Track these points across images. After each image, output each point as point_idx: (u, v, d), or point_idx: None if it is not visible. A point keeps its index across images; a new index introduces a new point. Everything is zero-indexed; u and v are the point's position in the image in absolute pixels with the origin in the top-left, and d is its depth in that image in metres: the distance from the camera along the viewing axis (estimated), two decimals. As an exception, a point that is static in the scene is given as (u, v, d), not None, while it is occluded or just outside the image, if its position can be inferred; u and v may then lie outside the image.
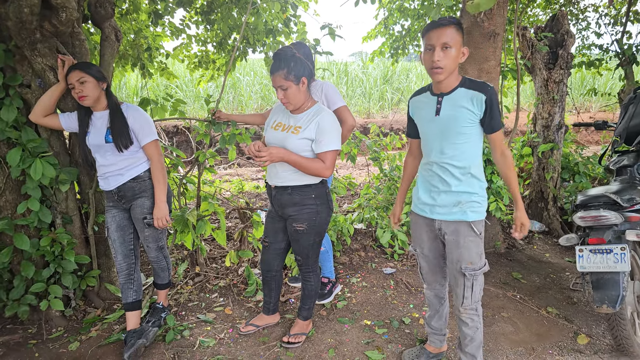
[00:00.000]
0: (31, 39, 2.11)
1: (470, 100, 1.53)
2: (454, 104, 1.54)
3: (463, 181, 1.60)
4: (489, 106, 1.51)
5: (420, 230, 1.78)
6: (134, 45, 4.39)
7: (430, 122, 1.61)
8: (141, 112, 2.13)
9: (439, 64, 1.47)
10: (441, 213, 1.65)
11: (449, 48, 1.46)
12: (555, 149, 3.52)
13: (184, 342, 2.19)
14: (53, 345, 2.18)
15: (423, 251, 1.82)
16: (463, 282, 1.65)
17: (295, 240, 1.97)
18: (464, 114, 1.53)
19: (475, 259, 1.63)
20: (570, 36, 3.34)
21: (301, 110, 1.89)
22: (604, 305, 1.83)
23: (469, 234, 1.61)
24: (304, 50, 2.33)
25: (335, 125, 1.85)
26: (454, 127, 1.55)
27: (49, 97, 2.10)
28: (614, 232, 1.94)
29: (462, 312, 1.71)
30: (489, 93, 1.51)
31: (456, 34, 1.47)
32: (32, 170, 2.15)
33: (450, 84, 1.56)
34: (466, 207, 1.60)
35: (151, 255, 2.26)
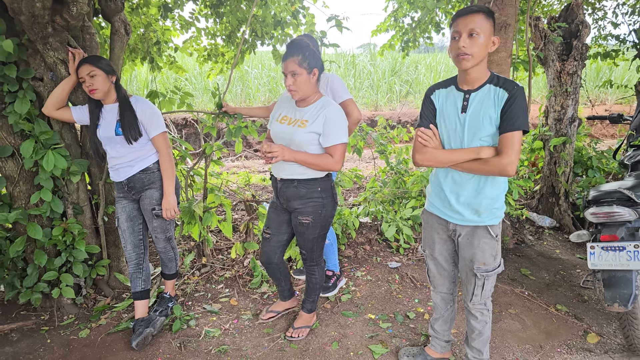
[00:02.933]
0: (43, 33, 2.15)
1: (494, 97, 1.43)
2: (481, 101, 1.44)
3: (485, 184, 1.51)
4: (508, 105, 1.40)
5: (432, 231, 1.72)
6: (144, 39, 4.42)
7: (454, 119, 1.50)
8: (150, 104, 2.16)
9: (465, 50, 1.38)
10: (457, 218, 1.59)
11: (476, 35, 1.37)
12: (567, 143, 3.43)
13: (190, 331, 2.23)
14: (64, 332, 2.25)
15: (433, 253, 1.76)
16: (474, 281, 1.62)
17: (300, 233, 1.98)
18: (490, 112, 1.43)
19: (488, 260, 1.59)
20: (585, 26, 3.23)
21: (307, 103, 1.88)
22: (615, 304, 1.79)
23: (485, 236, 1.56)
24: (311, 42, 2.32)
25: (343, 118, 1.85)
26: (480, 126, 1.45)
27: (60, 91, 2.14)
28: (627, 229, 1.89)
29: (472, 307, 1.69)
30: (514, 92, 1.40)
31: (485, 22, 1.39)
32: (44, 161, 2.20)
33: (479, 79, 1.46)
34: (485, 212, 1.53)
35: (159, 245, 2.30)
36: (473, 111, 1.47)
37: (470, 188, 1.54)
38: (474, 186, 1.53)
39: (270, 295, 2.60)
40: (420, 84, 11.30)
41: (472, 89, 1.48)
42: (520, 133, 1.41)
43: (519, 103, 1.40)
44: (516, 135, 1.41)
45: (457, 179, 1.56)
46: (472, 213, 1.55)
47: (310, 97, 1.86)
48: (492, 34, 1.43)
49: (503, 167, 1.41)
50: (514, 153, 1.41)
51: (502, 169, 1.41)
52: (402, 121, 9.19)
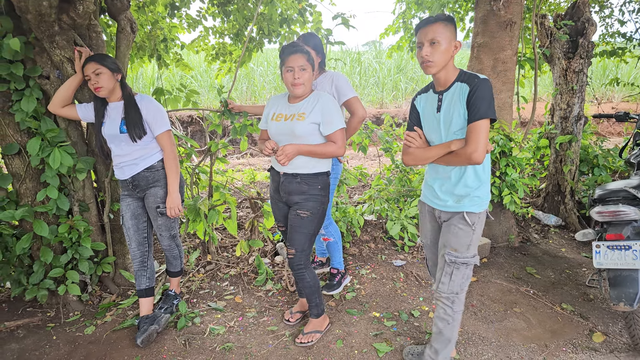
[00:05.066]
0: (50, 32, 2.16)
1: (459, 93, 1.54)
2: (451, 99, 1.55)
3: (464, 176, 1.61)
4: (470, 97, 1.49)
5: (425, 219, 1.83)
6: (151, 37, 4.44)
7: (432, 118, 1.62)
8: (154, 102, 2.16)
9: (428, 58, 1.51)
10: (440, 205, 1.69)
11: (436, 43, 1.49)
12: (573, 141, 3.41)
13: (194, 329, 2.24)
14: (70, 328, 2.26)
15: (427, 242, 1.85)
16: (442, 266, 1.67)
17: (296, 227, 1.97)
18: (458, 107, 1.53)
19: (461, 247, 1.63)
20: (592, 24, 3.20)
21: (300, 98, 1.94)
22: (621, 303, 1.78)
23: (460, 222, 1.63)
24: (315, 40, 2.32)
25: (337, 105, 1.94)
26: (453, 122, 1.55)
27: (66, 88, 2.15)
28: (633, 228, 1.88)
29: (438, 298, 1.70)
30: (474, 84, 1.49)
31: (444, 29, 1.50)
32: (50, 159, 2.22)
33: (448, 79, 1.57)
34: (465, 200, 1.62)
35: (164, 243, 2.31)
36: (445, 109, 1.58)
37: (453, 178, 1.63)
38: (456, 176, 1.62)
39: (275, 292, 2.61)
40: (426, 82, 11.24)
41: (444, 89, 1.59)
42: (484, 122, 1.48)
43: (480, 93, 1.47)
44: (480, 124, 1.47)
45: (441, 170, 1.67)
46: (454, 201, 1.64)
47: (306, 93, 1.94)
48: (454, 38, 1.53)
49: (469, 156, 1.49)
50: (479, 141, 1.47)
51: (467, 157, 1.50)
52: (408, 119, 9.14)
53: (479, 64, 2.87)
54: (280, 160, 1.86)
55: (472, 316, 2.34)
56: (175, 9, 4.41)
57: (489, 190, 1.67)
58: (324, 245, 2.80)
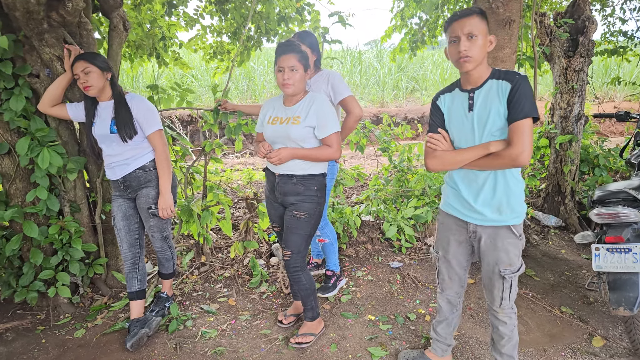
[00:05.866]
0: (39, 29, 2.12)
1: (497, 90, 1.43)
2: (486, 97, 1.45)
3: (502, 181, 1.48)
4: (512, 94, 1.39)
5: (448, 233, 1.67)
6: (149, 35, 4.41)
7: (462, 119, 1.50)
8: (145, 102, 2.13)
9: (466, 53, 1.40)
10: (477, 219, 1.54)
11: (474, 37, 1.40)
12: (573, 141, 3.36)
13: (186, 332, 2.20)
14: (60, 331, 2.23)
15: (447, 255, 1.70)
16: (502, 284, 1.57)
17: (291, 228, 1.94)
18: (497, 105, 1.42)
19: (514, 260, 1.54)
20: (592, 22, 3.16)
21: (295, 100, 1.92)
22: (620, 308, 1.73)
23: (509, 237, 1.51)
24: (310, 39, 2.29)
25: (332, 108, 1.91)
26: (489, 122, 1.44)
27: (56, 87, 2.11)
28: (633, 231, 1.83)
29: (499, 312, 1.63)
30: (516, 81, 1.40)
31: (480, 23, 1.41)
32: (39, 159, 2.18)
33: (481, 77, 1.47)
34: (507, 210, 1.49)
35: (156, 245, 2.27)
36: (479, 108, 1.47)
37: (488, 186, 1.51)
38: (491, 184, 1.50)
39: (269, 295, 2.57)
40: (427, 81, 11.22)
41: (476, 87, 1.49)
42: (529, 121, 1.39)
43: (523, 90, 1.39)
44: (524, 123, 1.38)
45: (474, 178, 1.53)
46: (494, 212, 1.51)
47: (299, 94, 1.91)
48: (488, 33, 1.45)
49: (515, 157, 1.38)
50: (525, 141, 1.38)
51: (513, 159, 1.39)
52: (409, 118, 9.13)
53: (477, 63, 2.81)
54: (273, 161, 1.86)
55: (470, 319, 2.29)
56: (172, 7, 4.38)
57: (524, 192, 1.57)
58: (319, 246, 2.76)
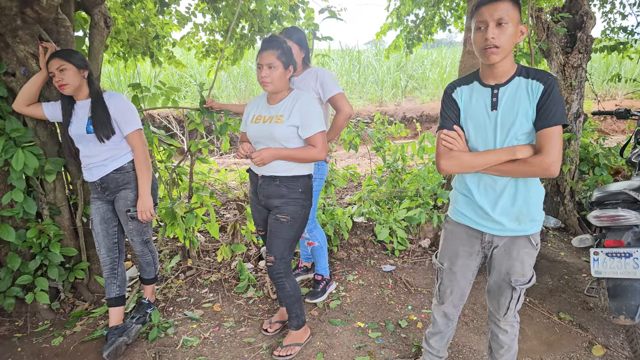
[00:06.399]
0: (12, 26, 2.04)
1: (528, 90, 1.29)
2: (513, 96, 1.30)
3: (523, 188, 1.36)
4: (545, 97, 1.26)
5: (457, 243, 1.53)
6: (143, 34, 4.35)
7: (484, 118, 1.35)
8: (124, 100, 2.05)
9: (494, 42, 1.23)
10: (495, 229, 1.41)
11: (504, 24, 1.23)
12: (572, 139, 3.25)
13: (167, 340, 2.12)
14: (37, 339, 2.14)
15: (452, 267, 1.56)
16: (510, 294, 1.47)
17: (275, 233, 1.85)
18: (526, 107, 1.29)
19: (527, 271, 1.44)
20: (590, 17, 3.05)
21: (279, 99, 1.84)
22: (621, 316, 1.63)
23: (526, 246, 1.41)
24: (298, 35, 2.22)
25: (317, 107, 1.81)
26: (516, 125, 1.30)
27: (30, 86, 2.04)
28: (634, 234, 1.73)
29: (502, 321, 1.54)
30: (549, 82, 1.27)
31: (512, 10, 1.25)
32: (13, 160, 2.10)
33: (507, 72, 1.31)
34: (526, 219, 1.37)
35: (136, 249, 2.19)
36: (505, 107, 1.31)
37: (507, 194, 1.37)
38: (511, 191, 1.37)
39: (256, 300, 2.48)
40: (426, 80, 11.13)
41: (500, 83, 1.33)
42: (560, 128, 1.27)
43: (556, 94, 1.26)
44: (556, 130, 1.26)
45: (491, 184, 1.39)
46: (512, 222, 1.38)
47: (281, 92, 1.83)
48: (520, 22, 1.28)
49: (547, 167, 1.26)
50: (557, 150, 1.26)
51: (545, 168, 1.26)
52: (407, 117, 9.03)
53: (472, 59, 2.72)
54: (255, 162, 1.78)
55: (464, 326, 2.20)
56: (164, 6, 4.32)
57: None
58: (308, 250, 2.67)
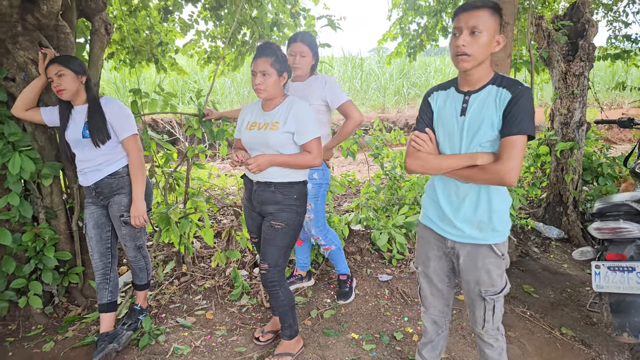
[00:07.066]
0: (12, 32, 2.08)
1: (495, 99, 1.29)
2: (482, 103, 1.31)
3: (487, 196, 1.36)
4: (511, 106, 1.25)
5: (427, 247, 1.55)
6: (148, 41, 4.42)
7: (452, 122, 1.37)
8: (120, 106, 2.06)
9: (464, 49, 1.25)
10: (455, 235, 1.42)
11: (478, 33, 1.24)
12: (575, 148, 3.19)
13: (157, 348, 2.09)
14: (29, 344, 2.13)
15: (427, 271, 1.57)
16: (483, 306, 1.44)
17: (269, 240, 1.83)
18: (492, 115, 1.29)
19: (496, 281, 1.41)
20: (592, 25, 3.01)
21: (273, 105, 1.83)
22: (624, 334, 1.57)
23: (489, 256, 1.39)
24: (310, 39, 2.21)
25: (312, 114, 1.81)
26: (481, 132, 1.30)
27: (29, 91, 2.06)
28: (637, 247, 1.67)
29: (483, 334, 1.50)
30: (517, 92, 1.25)
31: (490, 19, 1.26)
32: (10, 164, 2.11)
33: (481, 80, 1.32)
34: (488, 228, 1.37)
35: (129, 254, 2.17)
36: (472, 114, 1.32)
37: (469, 201, 1.37)
38: (473, 199, 1.37)
39: (250, 308, 2.45)
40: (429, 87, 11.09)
41: (473, 90, 1.34)
42: (523, 138, 1.25)
43: (523, 104, 1.24)
44: (519, 139, 1.24)
45: (455, 189, 1.40)
46: (473, 229, 1.38)
47: (276, 99, 1.82)
48: (498, 32, 1.28)
49: (502, 175, 1.25)
50: (515, 160, 1.24)
51: (501, 176, 1.26)
52: (410, 124, 9.02)
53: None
54: (251, 169, 1.76)
55: (461, 340, 2.14)
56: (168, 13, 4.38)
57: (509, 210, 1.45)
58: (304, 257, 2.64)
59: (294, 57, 2.17)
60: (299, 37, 2.19)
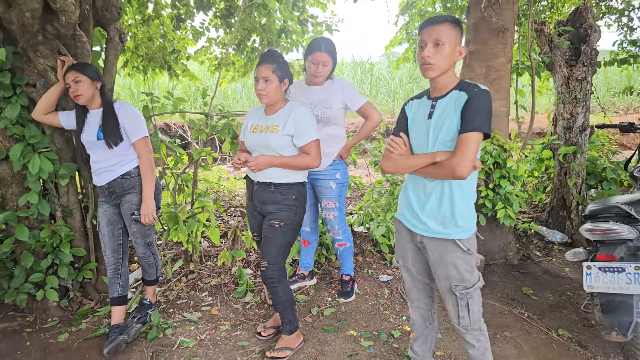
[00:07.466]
0: (33, 41, 2.21)
1: (455, 101, 1.41)
2: (445, 107, 1.43)
3: (448, 194, 1.46)
4: (466, 106, 1.37)
5: (403, 241, 1.64)
6: (161, 48, 4.59)
7: (422, 125, 1.49)
8: (133, 110, 2.18)
9: (429, 60, 1.40)
10: (421, 229, 1.51)
11: (440, 45, 1.38)
12: (578, 153, 3.20)
13: (165, 340, 2.19)
14: (45, 335, 2.26)
15: (406, 264, 1.66)
16: (455, 301, 1.51)
17: (269, 238, 1.92)
18: (452, 116, 1.40)
19: (465, 276, 1.47)
20: (595, 30, 3.04)
21: (275, 109, 1.93)
22: (613, 333, 1.60)
23: (455, 250, 1.46)
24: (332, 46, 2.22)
25: (311, 117, 1.90)
26: (443, 131, 1.42)
27: (49, 96, 2.19)
28: (627, 249, 1.70)
29: (465, 333, 1.56)
30: (473, 93, 1.37)
31: (451, 32, 1.39)
32: (30, 164, 2.25)
33: (446, 86, 1.45)
34: (450, 224, 1.46)
35: (139, 251, 2.28)
36: (437, 116, 1.45)
37: (434, 197, 1.48)
38: (437, 195, 1.47)
39: (253, 305, 2.54)
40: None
41: (440, 95, 1.47)
42: (476, 135, 1.35)
43: (477, 104, 1.35)
44: (471, 136, 1.35)
45: (423, 187, 1.51)
46: (438, 224, 1.47)
47: (277, 104, 1.92)
48: (459, 43, 1.42)
49: (453, 168, 1.36)
50: (465, 153, 1.35)
51: (452, 169, 1.36)
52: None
53: (471, 72, 2.75)
54: (250, 167, 1.86)
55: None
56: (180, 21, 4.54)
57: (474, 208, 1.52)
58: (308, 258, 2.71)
59: (317, 65, 2.18)
60: (322, 46, 2.18)
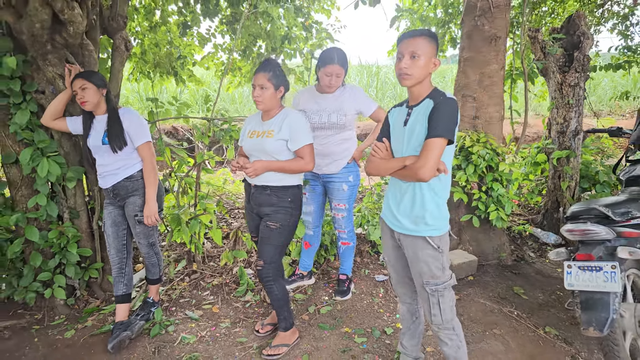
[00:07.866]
0: (42, 50, 2.32)
1: (425, 108, 1.53)
2: (418, 114, 1.55)
3: (419, 194, 1.57)
4: (432, 113, 1.48)
5: (386, 238, 1.76)
6: (167, 55, 4.69)
7: (399, 131, 1.61)
8: (137, 115, 2.28)
9: (406, 70, 1.51)
10: (397, 226, 1.64)
11: (416, 57, 1.49)
12: (571, 157, 3.28)
13: (167, 337, 2.28)
14: (52, 331, 2.36)
15: (390, 260, 1.78)
16: (427, 298, 1.61)
17: (265, 239, 2.01)
18: (422, 122, 1.52)
19: (436, 273, 1.57)
20: (587, 37, 3.11)
21: (271, 115, 2.03)
22: (590, 328, 1.68)
23: (426, 247, 1.57)
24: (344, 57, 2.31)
25: (305, 122, 1.99)
26: (414, 137, 1.53)
27: (57, 103, 2.30)
28: (605, 249, 1.78)
29: (438, 331, 1.65)
30: (438, 100, 1.49)
31: (426, 44, 1.50)
32: (39, 168, 2.36)
33: (421, 95, 1.56)
34: (421, 222, 1.57)
35: (143, 250, 2.38)
36: (411, 123, 1.57)
37: (407, 197, 1.60)
38: (410, 195, 1.59)
39: (253, 304, 2.63)
40: (446, 94, 11.19)
41: (415, 104, 1.58)
42: (439, 141, 1.44)
43: (442, 111, 1.46)
44: (435, 141, 1.45)
45: (399, 187, 1.64)
46: (411, 223, 1.59)
47: (273, 110, 2.01)
48: (434, 55, 1.52)
49: (416, 170, 1.46)
50: (428, 158, 1.44)
51: (415, 171, 1.47)
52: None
53: (466, 78, 2.84)
54: (248, 173, 1.95)
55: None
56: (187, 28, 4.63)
57: (447, 209, 1.62)
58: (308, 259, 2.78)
59: (330, 77, 2.27)
60: (335, 58, 2.23)
